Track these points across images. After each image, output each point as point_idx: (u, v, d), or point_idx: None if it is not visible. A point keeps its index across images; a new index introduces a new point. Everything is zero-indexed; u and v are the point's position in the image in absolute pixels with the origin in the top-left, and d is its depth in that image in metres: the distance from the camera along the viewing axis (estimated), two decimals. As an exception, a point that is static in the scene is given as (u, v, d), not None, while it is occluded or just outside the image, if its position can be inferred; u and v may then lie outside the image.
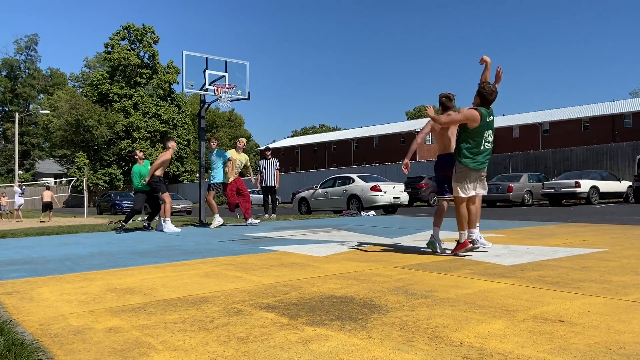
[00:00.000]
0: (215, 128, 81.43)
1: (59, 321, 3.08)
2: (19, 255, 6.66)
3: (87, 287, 4.21)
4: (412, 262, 5.07)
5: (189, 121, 57.68)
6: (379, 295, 3.55)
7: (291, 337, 2.60)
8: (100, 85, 54.15)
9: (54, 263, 5.76)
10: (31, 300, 3.75)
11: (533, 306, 3.12)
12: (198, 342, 2.56)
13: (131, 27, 54.84)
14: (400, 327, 2.73)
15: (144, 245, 7.44)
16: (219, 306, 3.35)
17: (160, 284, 4.22)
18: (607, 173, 21.85)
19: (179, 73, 54.47)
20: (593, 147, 26.32)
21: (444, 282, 3.97)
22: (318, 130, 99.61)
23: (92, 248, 7.29)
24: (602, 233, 7.56)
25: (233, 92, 11.97)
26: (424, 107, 9.90)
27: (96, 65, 66.99)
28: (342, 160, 61.55)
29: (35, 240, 9.01)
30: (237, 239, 8.11)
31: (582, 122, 51.37)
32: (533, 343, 2.40)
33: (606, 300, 3.23)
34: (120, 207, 32.12)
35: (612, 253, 5.38)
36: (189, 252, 6.53)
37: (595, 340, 2.42)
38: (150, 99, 55.02)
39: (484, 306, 3.15)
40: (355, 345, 2.44)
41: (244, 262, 5.45)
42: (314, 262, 5.24)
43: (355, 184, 18.16)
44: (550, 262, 4.86)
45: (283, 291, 3.78)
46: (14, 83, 69.78)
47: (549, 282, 3.85)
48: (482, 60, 5.89)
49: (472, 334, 2.56)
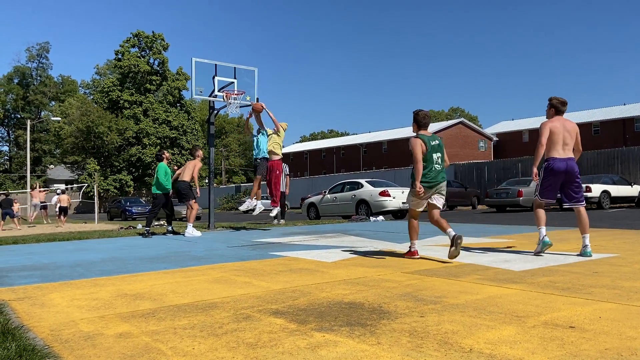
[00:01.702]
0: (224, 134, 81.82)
1: (70, 327, 3.11)
2: (31, 261, 6.72)
3: (98, 292, 4.24)
4: (421, 268, 5.05)
5: (198, 127, 57.97)
6: (388, 301, 3.54)
7: (300, 343, 2.60)
8: (110, 92, 54.63)
9: (65, 269, 5.81)
10: (42, 306, 3.78)
11: (543, 312, 3.09)
12: (207, 348, 2.57)
13: (141, 35, 55.32)
14: (410, 333, 2.72)
15: (153, 251, 7.48)
16: (228, 312, 3.36)
17: (169, 290, 4.24)
18: (619, 177, 21.64)
19: (188, 80, 54.85)
20: (604, 151, 26.08)
21: (454, 288, 3.95)
22: (327, 135, 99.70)
23: (102, 254, 7.34)
24: (614, 238, 7.49)
25: (242, 98, 12.02)
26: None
27: (107, 73, 67.61)
28: (351, 165, 61.52)
29: (47, 246, 9.09)
30: (246, 244, 8.12)
31: (592, 126, 51.00)
32: (544, 349, 2.38)
33: (618, 306, 3.20)
34: (130, 212, 32.28)
35: (623, 258, 5.33)
36: (198, 257, 6.55)
37: (607, 347, 2.39)
38: (160, 105, 55.40)
39: (494, 312, 3.13)
40: (364, 351, 2.44)
41: (252, 267, 5.46)
42: (323, 268, 5.24)
43: (364, 189, 18.14)
44: (561, 267, 4.82)
45: (292, 297, 3.78)
46: (25, 90, 70.60)
47: (559, 288, 3.82)
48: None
49: (482, 340, 2.55)
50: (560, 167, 5.61)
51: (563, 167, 5.61)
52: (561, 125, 5.68)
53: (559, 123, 5.70)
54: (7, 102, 69.86)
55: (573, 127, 5.75)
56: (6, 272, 5.62)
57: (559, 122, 5.70)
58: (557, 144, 5.63)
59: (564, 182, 5.71)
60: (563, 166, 5.61)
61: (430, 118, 5.99)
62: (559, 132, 5.63)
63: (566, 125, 5.70)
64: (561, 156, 5.62)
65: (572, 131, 5.71)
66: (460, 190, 26.09)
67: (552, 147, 5.65)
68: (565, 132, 5.65)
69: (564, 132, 5.64)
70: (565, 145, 5.65)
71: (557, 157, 5.62)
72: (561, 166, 5.61)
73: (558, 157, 5.62)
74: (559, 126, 5.67)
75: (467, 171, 30.79)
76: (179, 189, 10.60)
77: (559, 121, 5.72)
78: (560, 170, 5.62)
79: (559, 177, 5.65)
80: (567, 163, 5.63)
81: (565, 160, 5.63)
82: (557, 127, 5.66)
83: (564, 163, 5.62)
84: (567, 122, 5.74)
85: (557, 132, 5.64)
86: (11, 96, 70.04)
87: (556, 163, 5.62)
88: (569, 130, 5.68)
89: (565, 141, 5.64)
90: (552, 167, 5.63)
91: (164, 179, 10.55)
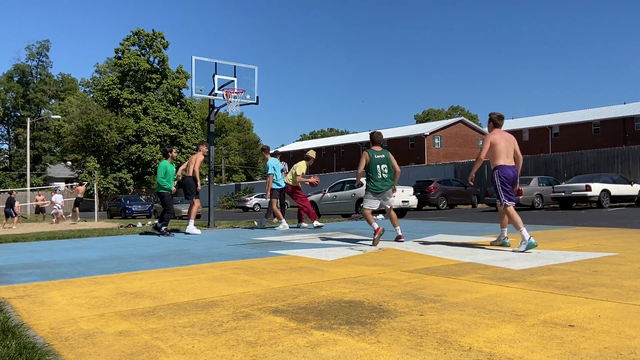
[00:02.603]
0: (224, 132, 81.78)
1: (70, 325, 3.11)
2: (31, 259, 6.73)
3: (98, 291, 4.24)
4: (421, 267, 5.06)
5: (198, 125, 57.98)
6: (388, 299, 3.55)
7: (299, 341, 2.61)
8: (110, 91, 54.63)
9: (65, 267, 5.81)
10: (42, 304, 3.78)
11: (543, 311, 3.10)
12: (207, 346, 2.57)
13: (141, 33, 55.30)
14: (409, 331, 2.73)
15: (153, 250, 7.48)
16: (227, 310, 3.36)
17: (169, 288, 4.24)
18: (619, 176, 21.63)
19: (188, 78, 54.84)
20: (604, 150, 26.07)
21: (453, 287, 3.95)
22: (327, 134, 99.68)
23: (102, 252, 7.34)
24: (613, 237, 7.50)
25: (242, 96, 12.03)
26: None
27: (107, 71, 67.57)
28: (351, 163, 61.46)
29: (46, 244, 9.09)
30: (246, 243, 8.13)
31: (592, 125, 50.97)
32: (543, 348, 2.39)
33: (617, 305, 3.20)
34: (130, 211, 32.30)
35: (623, 257, 5.33)
36: (198, 256, 6.56)
37: (606, 345, 2.40)
38: (160, 103, 55.40)
39: (494, 311, 3.13)
40: (364, 349, 2.44)
41: (252, 266, 5.47)
42: (323, 266, 5.25)
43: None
44: (561, 266, 4.82)
45: (291, 295, 3.79)
46: (25, 89, 70.56)
47: (559, 287, 3.82)
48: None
49: (481, 339, 2.55)
50: (510, 173, 6.26)
51: (511, 173, 6.27)
52: (500, 137, 6.33)
53: (499, 135, 6.35)
54: (7, 100, 69.82)
55: (511, 137, 6.44)
56: (6, 270, 5.63)
57: (498, 135, 6.35)
58: (502, 153, 6.27)
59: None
60: (511, 172, 6.27)
61: (381, 136, 7.68)
62: (500, 143, 6.28)
63: (505, 136, 6.36)
64: (507, 164, 6.28)
65: (511, 141, 6.38)
66: (460, 189, 26.10)
67: (499, 156, 6.28)
68: (505, 143, 6.30)
69: (505, 143, 6.30)
70: (508, 153, 6.30)
71: (505, 165, 6.27)
72: (510, 172, 6.27)
73: (506, 165, 6.27)
74: (498, 138, 6.32)
75: (467, 170, 30.78)
76: (185, 185, 10.51)
77: (498, 133, 6.37)
78: (510, 176, 6.26)
79: (510, 180, 6.27)
80: (513, 170, 6.30)
81: (511, 167, 6.31)
82: (497, 138, 6.32)
83: (511, 170, 6.28)
84: (504, 134, 6.41)
85: (498, 142, 6.29)
86: (11, 94, 70.00)
87: (506, 170, 6.25)
88: (508, 140, 6.34)
89: (507, 151, 6.29)
90: (504, 173, 6.24)
91: (162, 178, 10.32)
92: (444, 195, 24.74)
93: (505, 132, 6.47)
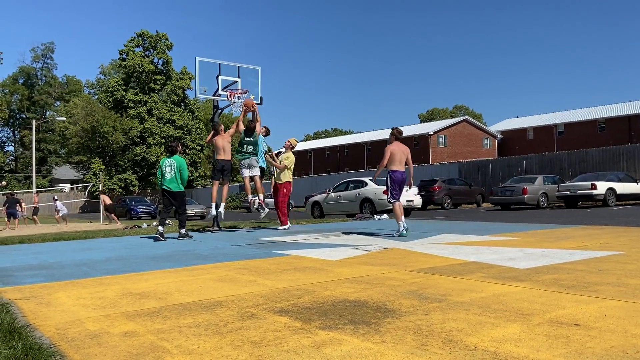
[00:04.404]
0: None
1: (76, 326, 3.12)
2: (37, 260, 6.76)
3: (103, 291, 4.25)
4: (426, 266, 5.05)
5: (203, 126, 58.04)
6: (393, 299, 3.54)
7: (304, 341, 2.61)
8: (115, 92, 54.78)
9: (71, 268, 5.84)
10: (48, 305, 3.80)
11: (548, 310, 3.09)
12: (212, 346, 2.58)
13: (145, 34, 55.43)
14: (414, 331, 2.73)
15: (158, 250, 7.51)
16: (232, 310, 3.37)
17: (174, 289, 4.25)
18: (624, 175, 21.51)
19: (192, 79, 54.72)
20: (609, 149, 25.93)
21: (458, 286, 3.95)
22: (330, 134, 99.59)
23: (107, 253, 7.37)
24: (619, 235, 7.46)
25: (246, 97, 12.03)
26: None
27: (111, 72, 67.75)
28: (355, 163, 61.44)
29: (52, 245, 9.13)
30: (251, 243, 8.14)
31: (597, 123, 50.76)
32: (549, 347, 2.38)
33: (623, 304, 3.19)
34: (135, 212, 32.40)
35: (629, 256, 5.31)
36: (203, 256, 6.57)
37: (612, 344, 2.39)
38: (164, 104, 55.50)
39: (499, 310, 3.12)
40: (369, 349, 2.44)
41: (257, 266, 5.48)
42: (327, 266, 5.25)
43: (368, 187, 18.13)
44: (566, 265, 4.80)
45: (296, 295, 3.79)
46: (31, 91, 70.86)
47: (564, 286, 3.81)
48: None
49: (486, 338, 2.55)
50: (399, 177, 8.29)
51: (400, 177, 8.30)
52: (397, 148, 8.28)
53: (396, 146, 8.29)
54: (13, 103, 70.11)
55: (406, 149, 8.41)
56: (12, 272, 5.66)
57: (396, 146, 8.30)
58: (396, 161, 8.25)
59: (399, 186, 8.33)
60: (400, 176, 8.30)
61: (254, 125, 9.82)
62: (396, 153, 8.24)
63: (401, 148, 8.32)
64: (398, 169, 8.28)
65: (405, 152, 8.35)
66: (464, 188, 26.04)
67: (393, 163, 8.25)
68: (400, 153, 8.26)
69: (399, 153, 8.26)
70: (400, 162, 8.28)
71: (396, 170, 8.28)
72: (399, 176, 8.29)
73: (397, 170, 8.28)
74: (396, 149, 8.26)
75: (471, 169, 30.71)
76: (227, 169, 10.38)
77: (396, 145, 8.31)
78: (399, 179, 8.29)
79: (398, 183, 8.28)
80: (402, 174, 8.33)
81: (401, 172, 8.33)
82: (395, 149, 8.25)
83: (400, 174, 8.29)
84: (401, 145, 8.35)
85: (395, 153, 8.24)
86: (16, 96, 70.30)
87: (396, 174, 8.28)
88: (403, 152, 8.31)
89: (400, 159, 8.26)
90: (394, 177, 8.28)
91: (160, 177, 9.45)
92: (449, 195, 24.69)
93: (402, 144, 8.33)
